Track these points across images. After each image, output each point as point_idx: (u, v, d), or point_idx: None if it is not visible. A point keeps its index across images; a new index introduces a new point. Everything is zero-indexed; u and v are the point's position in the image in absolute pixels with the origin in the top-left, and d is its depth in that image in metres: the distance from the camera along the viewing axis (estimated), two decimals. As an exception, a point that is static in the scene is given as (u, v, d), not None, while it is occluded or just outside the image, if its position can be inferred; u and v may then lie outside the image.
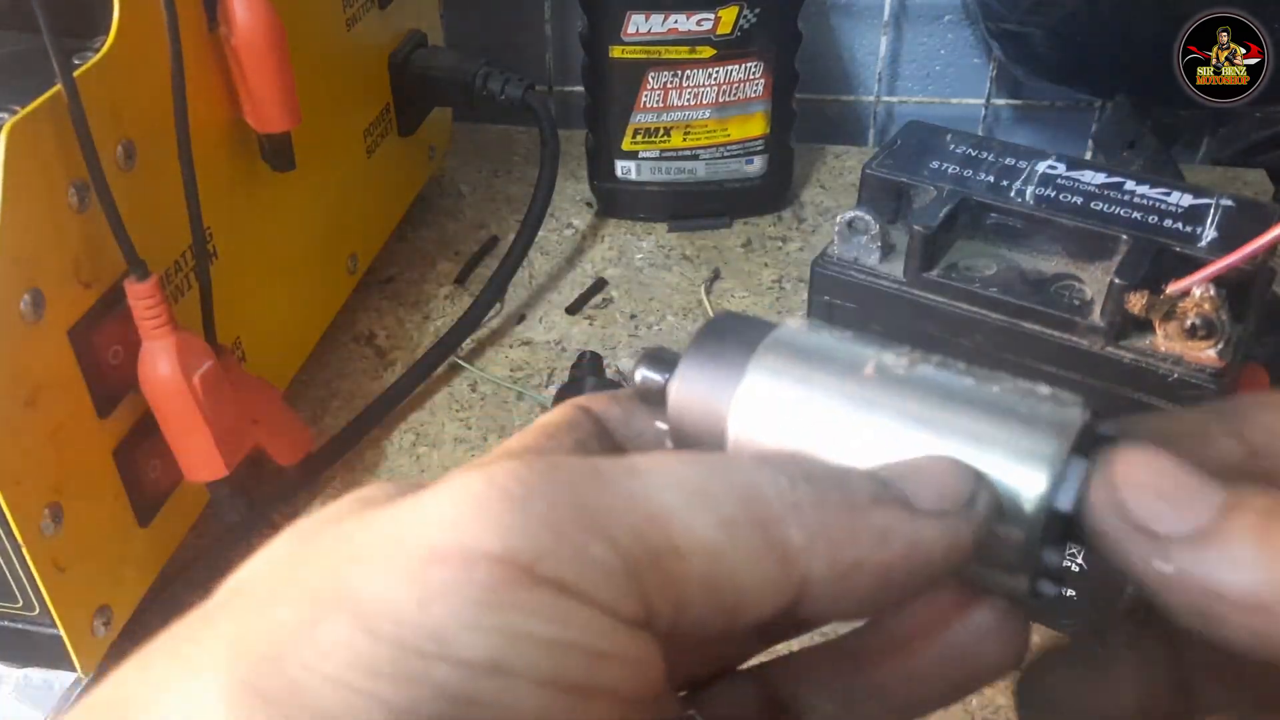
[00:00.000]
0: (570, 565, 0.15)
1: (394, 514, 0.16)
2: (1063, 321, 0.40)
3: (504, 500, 0.15)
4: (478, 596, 0.14)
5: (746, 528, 0.16)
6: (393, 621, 0.14)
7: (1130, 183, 0.43)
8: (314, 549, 0.16)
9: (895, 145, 0.45)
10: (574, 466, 0.16)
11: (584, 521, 0.15)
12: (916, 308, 0.42)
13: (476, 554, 0.15)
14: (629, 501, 0.16)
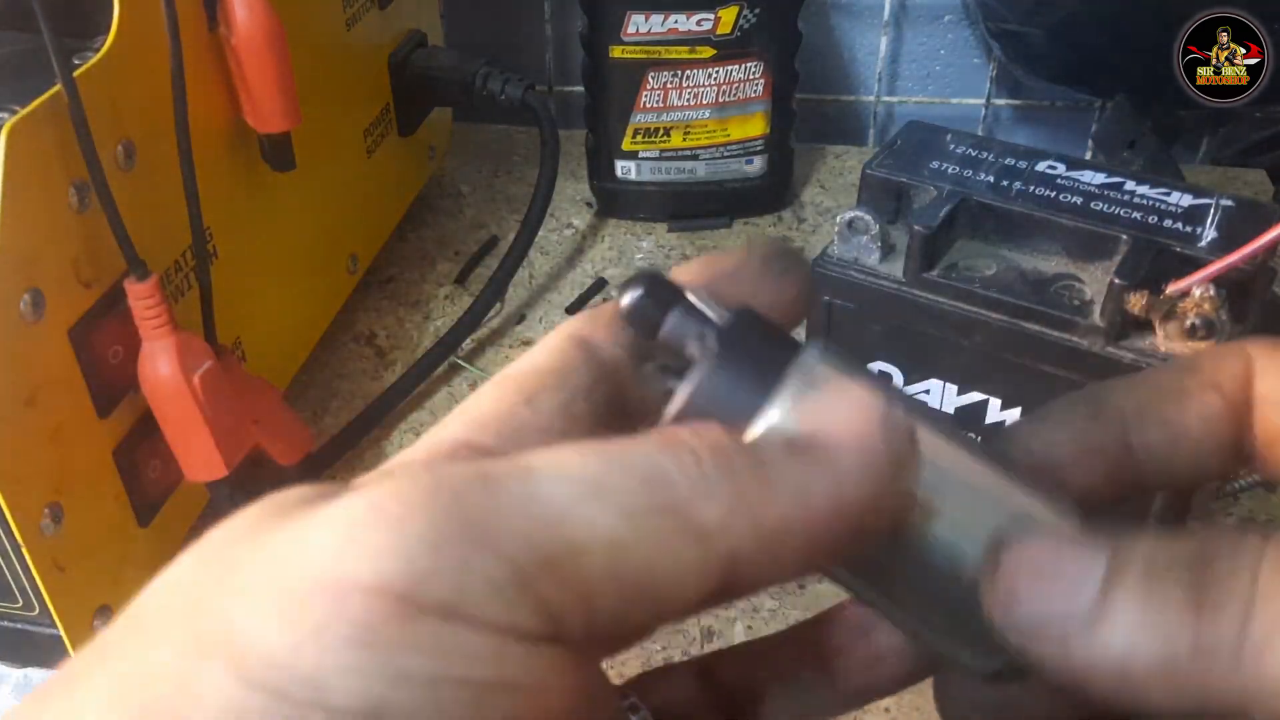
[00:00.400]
0: (453, 585, 0.14)
1: (281, 538, 0.15)
2: (1063, 321, 0.40)
3: (381, 523, 0.14)
4: (352, 634, 0.13)
5: (653, 515, 0.15)
6: (268, 666, 0.13)
7: (1130, 183, 0.43)
8: (207, 576, 0.15)
9: (895, 145, 0.45)
10: (460, 477, 0.15)
11: (468, 535, 0.14)
12: (916, 308, 0.42)
13: (350, 585, 0.14)
14: (519, 506, 0.15)
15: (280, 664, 0.13)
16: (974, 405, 0.44)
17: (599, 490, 0.15)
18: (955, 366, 0.43)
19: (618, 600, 0.15)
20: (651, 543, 0.15)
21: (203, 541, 0.16)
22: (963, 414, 0.44)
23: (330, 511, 0.15)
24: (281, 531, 0.15)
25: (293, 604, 0.14)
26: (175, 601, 0.15)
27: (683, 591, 0.15)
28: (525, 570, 0.14)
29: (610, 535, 0.15)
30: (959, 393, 0.44)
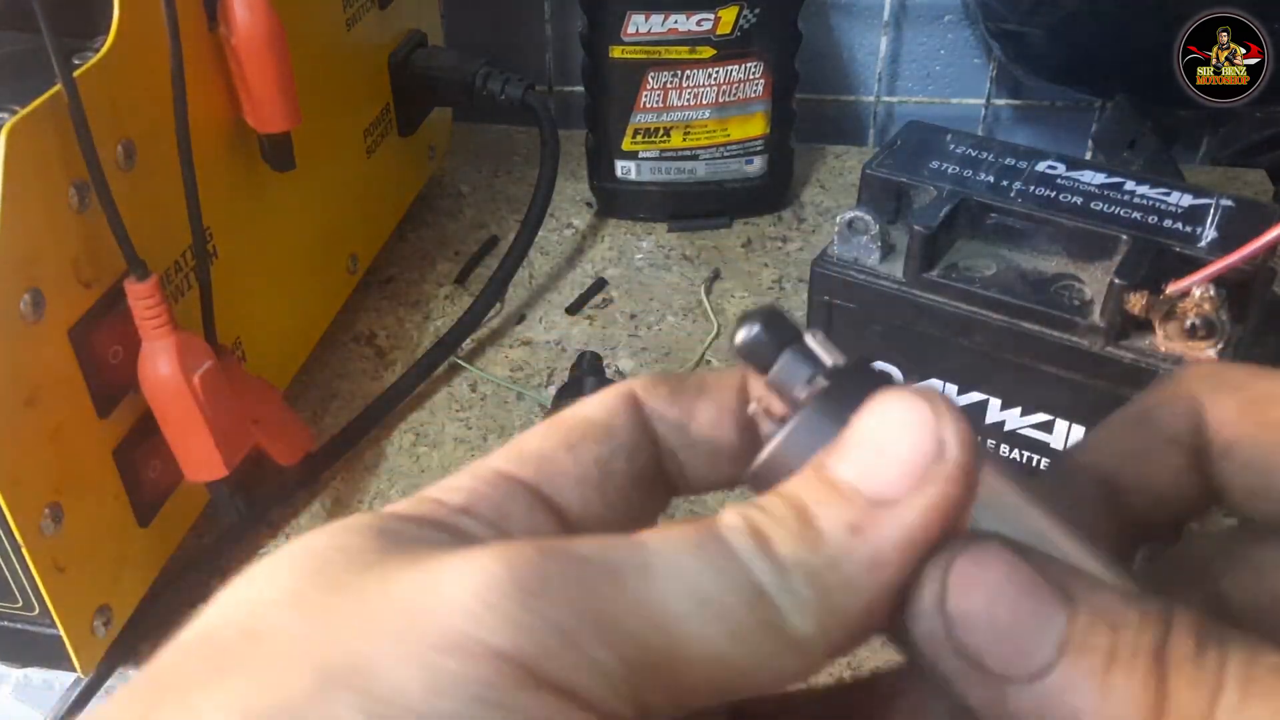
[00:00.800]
0: (574, 670, 0.15)
1: (411, 585, 0.16)
2: (1063, 321, 0.40)
3: (518, 595, 0.15)
4: (483, 694, 0.14)
5: (755, 633, 0.16)
6: (401, 709, 0.14)
7: (1130, 183, 0.43)
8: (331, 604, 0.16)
9: (895, 145, 0.45)
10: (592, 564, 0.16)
11: (592, 626, 0.15)
12: (916, 308, 0.42)
13: (486, 649, 0.15)
14: (638, 608, 0.16)
15: (413, 709, 0.14)
16: (974, 405, 0.44)
17: (709, 606, 0.16)
18: (955, 366, 0.43)
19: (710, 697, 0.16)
20: (754, 660, 0.16)
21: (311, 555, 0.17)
22: None
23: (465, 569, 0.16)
24: (410, 573, 0.16)
25: (429, 655, 0.15)
26: (298, 626, 0.16)
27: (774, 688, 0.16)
28: (634, 670, 0.15)
29: (716, 652, 0.16)
30: (959, 393, 0.44)
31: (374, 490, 0.55)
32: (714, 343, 0.64)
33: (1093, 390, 0.41)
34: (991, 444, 0.44)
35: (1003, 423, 0.43)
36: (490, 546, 0.16)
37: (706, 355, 0.63)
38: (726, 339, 0.64)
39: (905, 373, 0.45)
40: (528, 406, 0.60)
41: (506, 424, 0.59)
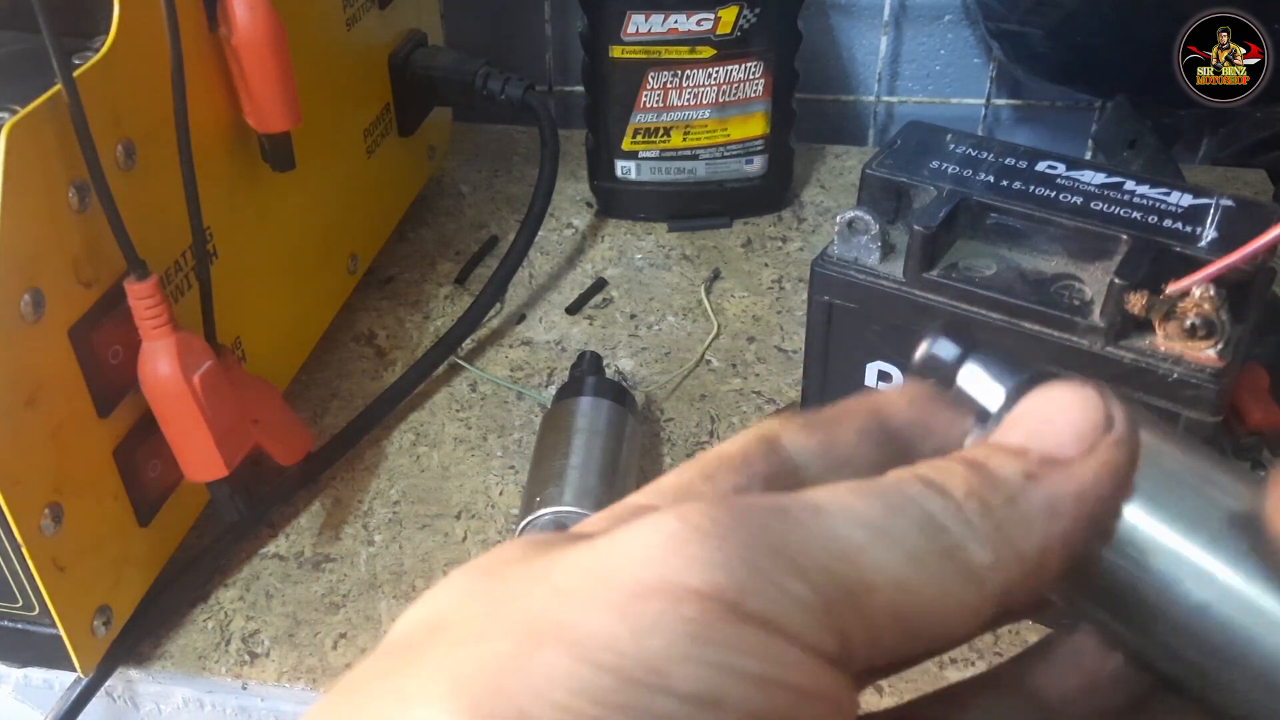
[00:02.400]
0: (774, 603, 0.15)
1: (590, 553, 0.16)
2: (1063, 321, 0.40)
3: (702, 538, 0.15)
4: (690, 631, 0.15)
5: (934, 559, 0.16)
6: (612, 653, 0.15)
7: (1130, 183, 0.43)
8: (511, 586, 0.16)
9: (895, 145, 0.45)
10: (763, 505, 0.16)
11: (780, 560, 0.15)
12: (916, 308, 0.42)
13: (684, 589, 0.15)
14: (819, 540, 0.16)
15: (624, 652, 0.14)
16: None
17: (885, 534, 0.16)
18: None
19: (899, 635, 0.16)
20: (935, 585, 0.16)
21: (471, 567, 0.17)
22: None
23: (643, 526, 0.16)
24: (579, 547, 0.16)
25: (629, 602, 0.15)
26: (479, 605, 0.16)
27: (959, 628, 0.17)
28: (828, 598, 0.15)
29: (898, 577, 0.16)
30: None
31: (374, 490, 0.55)
32: (714, 343, 0.64)
33: None
34: None
35: None
36: (664, 510, 0.16)
37: (706, 355, 0.63)
38: (726, 338, 0.64)
39: (905, 372, 0.44)
40: (528, 406, 0.60)
41: (506, 424, 0.59)
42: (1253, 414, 0.54)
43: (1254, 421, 0.54)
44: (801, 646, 0.15)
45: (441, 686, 0.15)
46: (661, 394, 0.61)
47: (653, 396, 0.60)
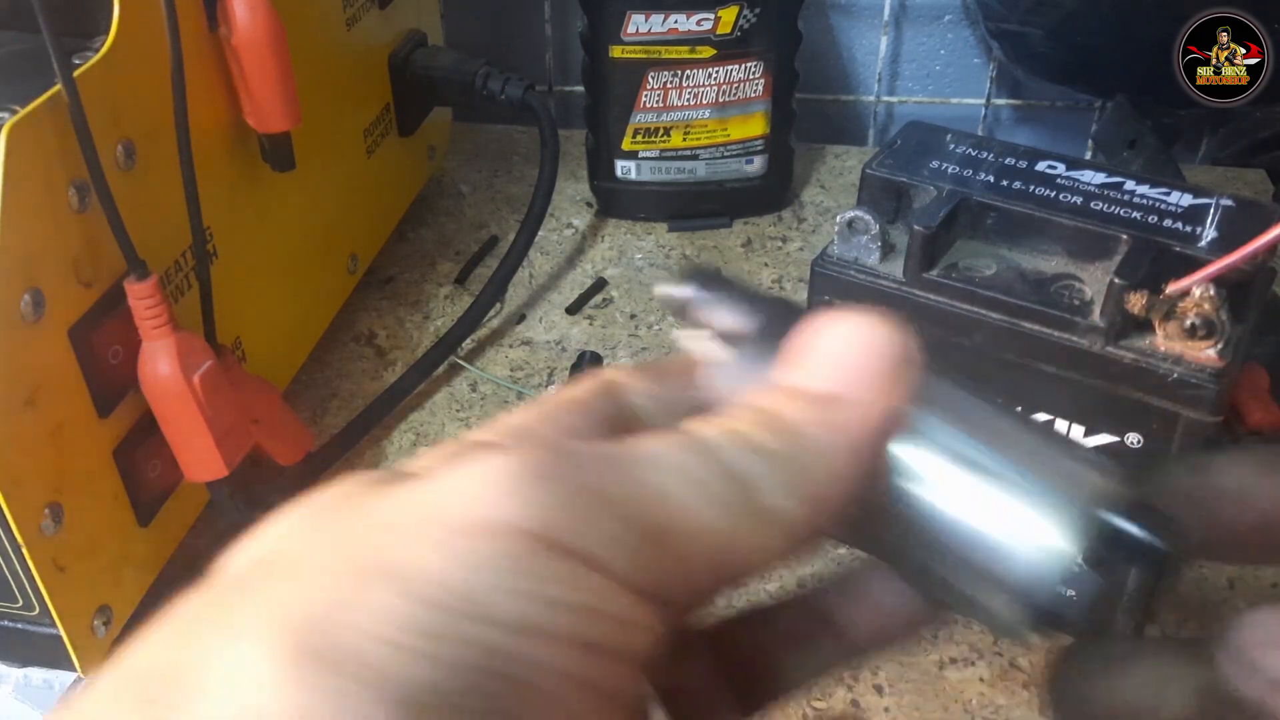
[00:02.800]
0: (588, 538, 0.16)
1: (421, 490, 0.17)
2: (1063, 321, 0.40)
3: (529, 478, 0.17)
4: (508, 565, 0.16)
5: (739, 506, 0.18)
6: (437, 588, 0.15)
7: (1130, 183, 0.43)
8: (342, 523, 0.17)
9: (895, 145, 0.45)
10: (590, 451, 0.18)
11: (600, 500, 0.17)
12: (916, 308, 0.42)
13: (508, 527, 0.16)
14: (639, 487, 0.17)
15: (447, 586, 0.15)
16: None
17: (695, 483, 0.18)
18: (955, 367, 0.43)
19: (707, 571, 0.18)
20: (738, 528, 0.18)
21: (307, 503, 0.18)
22: None
23: (474, 466, 0.17)
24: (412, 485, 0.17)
25: (455, 539, 0.16)
26: (312, 542, 0.17)
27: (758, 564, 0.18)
28: (643, 538, 0.17)
29: (709, 524, 0.17)
30: None
31: (374, 490, 0.55)
32: (714, 343, 0.64)
33: (1093, 390, 0.41)
34: None
35: None
36: (495, 449, 0.17)
37: (706, 355, 0.63)
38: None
39: None
40: (528, 406, 0.60)
41: (506, 424, 0.59)
42: (1253, 414, 0.54)
43: (1254, 421, 0.54)
44: (615, 579, 0.16)
45: (268, 621, 0.15)
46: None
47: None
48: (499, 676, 0.15)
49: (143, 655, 0.16)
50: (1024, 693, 0.46)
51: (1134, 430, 0.41)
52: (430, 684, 0.15)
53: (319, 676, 0.15)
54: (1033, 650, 0.48)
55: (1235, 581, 0.50)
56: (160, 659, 0.16)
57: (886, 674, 0.47)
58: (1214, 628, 0.21)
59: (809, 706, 0.45)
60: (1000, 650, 0.47)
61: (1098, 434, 0.42)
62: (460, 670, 0.15)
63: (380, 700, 0.14)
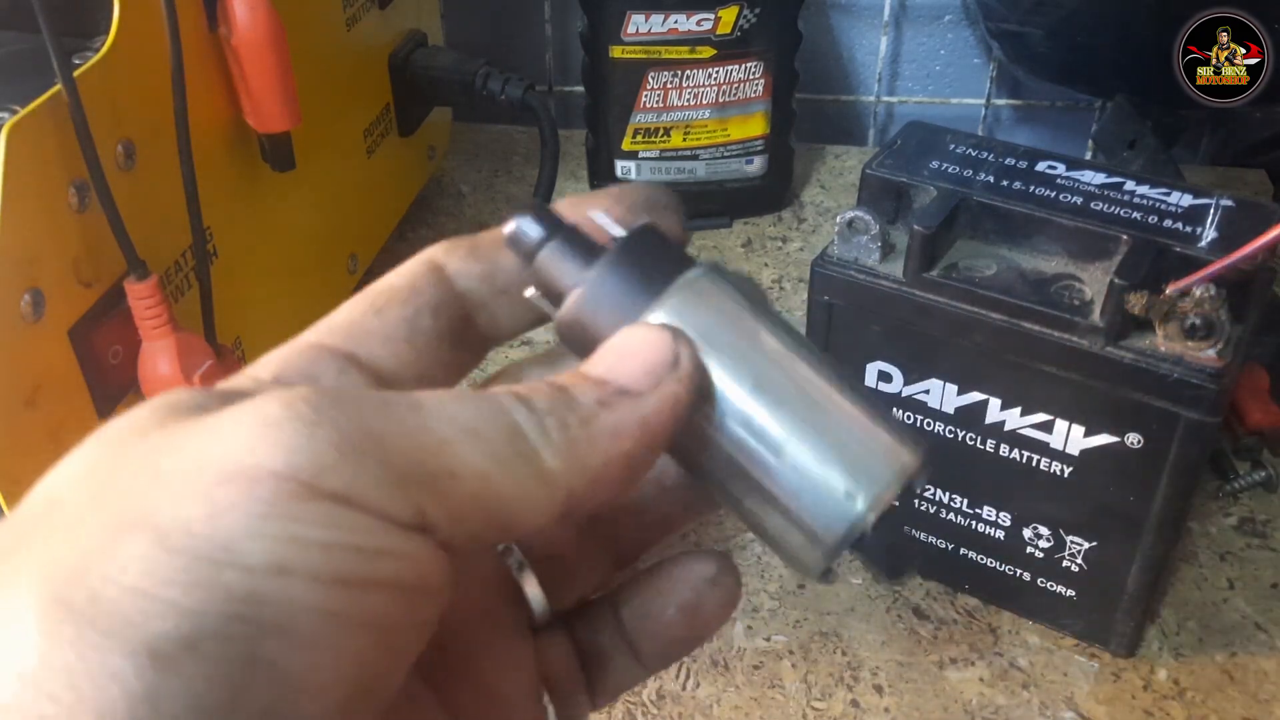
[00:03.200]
0: (349, 479, 0.17)
1: (196, 435, 0.17)
2: (1063, 321, 0.40)
3: (294, 423, 0.17)
4: (261, 510, 0.16)
5: (512, 460, 0.18)
6: (188, 537, 0.16)
7: (1130, 183, 0.43)
8: (120, 468, 0.17)
9: (895, 145, 0.45)
10: (363, 397, 0.18)
11: (366, 443, 0.17)
12: (916, 308, 0.42)
13: (263, 472, 0.16)
14: (410, 431, 0.18)
15: (199, 533, 0.16)
16: (974, 405, 0.44)
17: (472, 434, 0.18)
18: (955, 366, 0.43)
19: (476, 519, 0.18)
20: (509, 481, 0.18)
21: (103, 435, 0.18)
22: (963, 414, 0.44)
23: (246, 410, 0.17)
24: (193, 427, 0.17)
25: (211, 486, 0.16)
26: (90, 488, 0.17)
27: (530, 521, 0.19)
28: (408, 479, 0.17)
29: (478, 470, 0.18)
30: (959, 393, 0.44)
31: (374, 490, 0.55)
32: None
33: (1093, 390, 0.41)
34: (991, 444, 0.44)
35: (1003, 422, 0.43)
36: (269, 392, 0.18)
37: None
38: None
39: (905, 373, 0.45)
40: (528, 406, 0.60)
41: (506, 424, 0.59)
42: (1253, 414, 0.54)
43: (1254, 421, 0.54)
44: (373, 514, 0.17)
45: (33, 572, 0.16)
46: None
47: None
48: (248, 620, 0.16)
49: None
50: (1024, 693, 0.46)
51: (1134, 430, 0.41)
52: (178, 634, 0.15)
53: (71, 630, 0.15)
54: (1032, 650, 0.48)
55: (1235, 582, 0.50)
56: None
57: (886, 674, 0.47)
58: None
59: (809, 708, 0.45)
60: (1000, 650, 0.47)
61: (1098, 434, 0.42)
62: (208, 618, 0.15)
63: (128, 653, 0.15)
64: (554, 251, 0.21)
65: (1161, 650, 0.47)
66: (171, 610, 0.15)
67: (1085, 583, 0.46)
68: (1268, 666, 0.47)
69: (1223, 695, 0.46)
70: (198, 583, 0.15)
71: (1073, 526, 0.45)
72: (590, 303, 0.21)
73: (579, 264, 0.21)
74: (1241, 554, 0.52)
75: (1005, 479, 0.45)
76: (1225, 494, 0.54)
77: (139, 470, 0.17)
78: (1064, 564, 0.46)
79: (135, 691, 0.15)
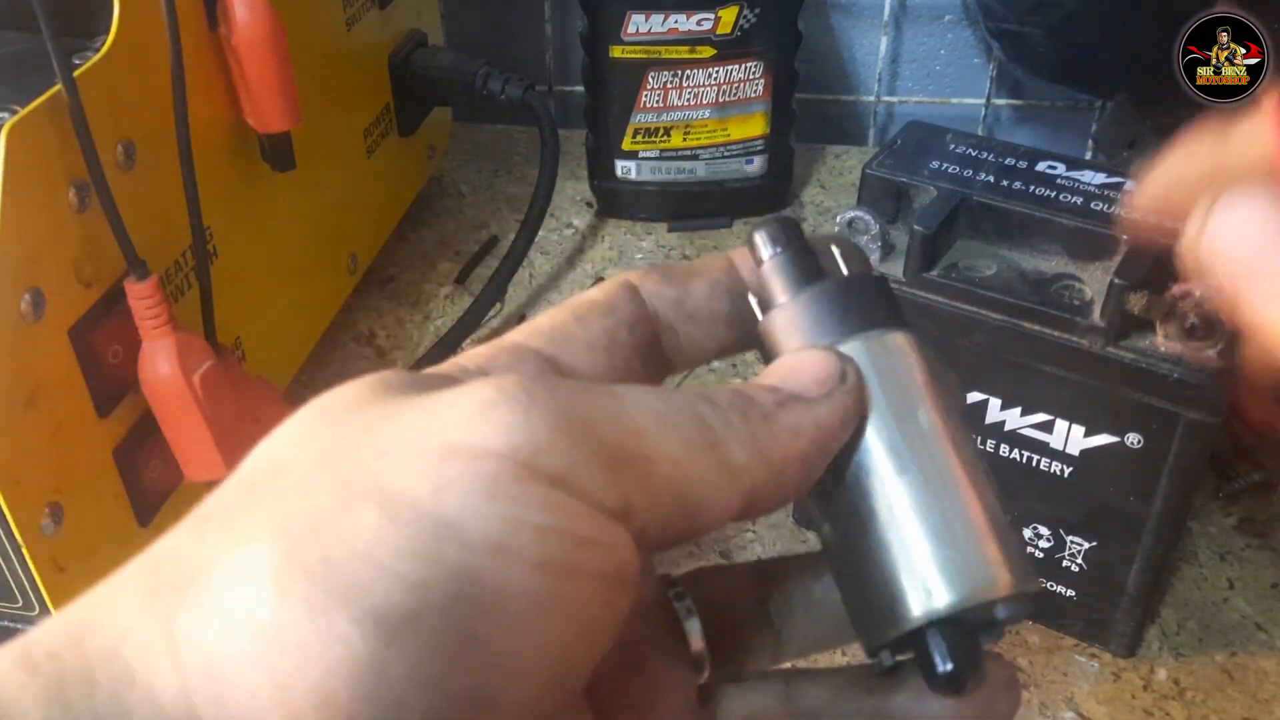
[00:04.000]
0: (563, 462, 0.17)
1: (415, 411, 0.18)
2: (1063, 321, 0.40)
3: (510, 405, 0.17)
4: (483, 488, 0.17)
5: (701, 448, 0.19)
6: (412, 508, 0.16)
7: (1130, 183, 0.43)
8: (343, 438, 0.18)
9: (895, 145, 0.45)
10: (570, 385, 0.19)
11: (576, 428, 0.18)
12: (917, 308, 0.42)
13: (485, 450, 0.17)
14: (613, 416, 0.19)
15: (423, 507, 0.16)
16: (974, 405, 0.44)
17: (667, 423, 0.19)
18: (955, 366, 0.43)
19: (669, 506, 0.19)
20: (701, 469, 0.19)
21: (317, 406, 0.19)
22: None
23: (465, 392, 0.18)
24: (410, 403, 0.18)
25: (435, 461, 0.17)
26: (314, 454, 0.18)
27: (716, 511, 0.19)
28: (615, 463, 0.18)
29: (674, 456, 0.19)
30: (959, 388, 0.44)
31: (374, 490, 0.55)
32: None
33: (1093, 390, 0.41)
34: (991, 444, 0.44)
35: (1003, 422, 0.43)
36: (485, 377, 0.19)
37: (706, 355, 0.63)
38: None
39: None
40: (528, 406, 0.60)
41: (506, 424, 0.59)
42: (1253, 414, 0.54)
43: (1254, 421, 0.54)
44: (586, 500, 0.17)
45: (267, 529, 0.16)
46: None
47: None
48: (467, 599, 0.16)
49: (164, 545, 0.17)
50: (1024, 693, 0.46)
51: (1134, 430, 0.41)
52: (403, 606, 0.16)
53: (304, 588, 0.16)
54: (1032, 650, 0.48)
55: (1235, 582, 0.50)
56: (176, 550, 0.17)
57: (886, 674, 0.47)
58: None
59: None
60: (1000, 650, 0.47)
61: (1098, 434, 0.42)
62: (432, 592, 0.16)
63: (354, 619, 0.15)
64: (783, 262, 0.23)
65: (1161, 650, 0.47)
66: (399, 582, 0.16)
67: (1085, 583, 0.46)
68: (1268, 666, 0.47)
69: (1223, 695, 0.46)
70: (424, 556, 0.16)
71: (1073, 526, 0.45)
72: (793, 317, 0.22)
73: (799, 282, 0.22)
74: (1241, 554, 0.52)
75: (1005, 479, 0.44)
76: (1225, 494, 0.54)
77: (362, 440, 0.18)
78: (1064, 564, 0.46)
79: (360, 657, 0.15)
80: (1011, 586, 0.20)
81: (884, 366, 0.21)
